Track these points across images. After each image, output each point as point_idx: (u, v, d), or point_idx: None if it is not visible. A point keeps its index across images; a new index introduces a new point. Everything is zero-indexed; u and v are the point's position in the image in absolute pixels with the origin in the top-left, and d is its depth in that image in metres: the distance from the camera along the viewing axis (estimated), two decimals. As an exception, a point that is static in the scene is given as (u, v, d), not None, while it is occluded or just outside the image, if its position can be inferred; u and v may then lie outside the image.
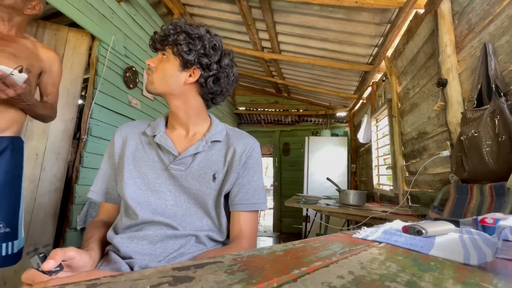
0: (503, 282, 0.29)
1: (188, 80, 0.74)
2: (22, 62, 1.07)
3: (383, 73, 2.83)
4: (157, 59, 0.75)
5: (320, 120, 5.26)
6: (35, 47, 1.17)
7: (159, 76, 0.73)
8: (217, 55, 0.75)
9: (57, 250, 0.50)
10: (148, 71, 0.75)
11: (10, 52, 1.06)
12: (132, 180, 0.72)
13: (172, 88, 0.74)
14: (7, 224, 1.05)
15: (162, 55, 0.75)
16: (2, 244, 1.03)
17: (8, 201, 1.08)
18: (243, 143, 0.78)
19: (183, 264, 0.28)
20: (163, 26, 0.75)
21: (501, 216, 0.55)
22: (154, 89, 0.74)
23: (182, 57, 0.72)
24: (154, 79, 0.74)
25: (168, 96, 0.75)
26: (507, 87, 1.12)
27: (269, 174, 7.81)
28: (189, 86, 0.75)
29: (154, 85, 0.74)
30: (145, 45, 2.61)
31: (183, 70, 0.73)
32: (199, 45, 0.72)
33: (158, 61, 0.74)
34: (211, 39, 0.75)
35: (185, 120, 0.78)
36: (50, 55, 1.21)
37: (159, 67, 0.74)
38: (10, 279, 1.56)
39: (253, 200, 0.75)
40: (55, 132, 1.84)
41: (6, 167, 1.08)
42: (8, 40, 1.08)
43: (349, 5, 2.07)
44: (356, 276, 0.27)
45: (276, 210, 5.39)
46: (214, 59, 0.75)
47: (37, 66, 1.16)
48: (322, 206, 1.98)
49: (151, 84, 0.74)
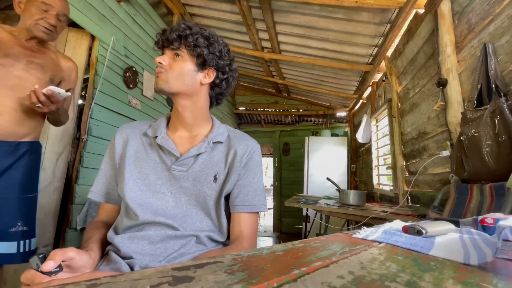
0: (503, 282, 0.29)
1: (204, 81, 0.76)
2: (48, 73, 1.17)
3: (383, 73, 2.83)
4: (168, 58, 0.73)
5: (320, 120, 5.27)
6: (57, 57, 1.26)
7: (175, 75, 0.72)
8: (229, 58, 0.80)
9: (57, 251, 0.50)
10: (160, 69, 0.73)
11: (38, 64, 1.14)
12: (133, 181, 0.72)
13: (188, 87, 0.74)
14: (24, 223, 1.12)
15: (174, 54, 0.73)
16: (20, 241, 1.09)
17: (25, 201, 1.14)
18: (244, 144, 0.79)
19: (183, 264, 0.28)
20: (175, 26, 0.74)
21: (501, 216, 0.55)
22: (169, 88, 0.72)
23: (202, 58, 0.73)
24: (170, 78, 0.72)
25: (180, 95, 0.75)
26: (507, 87, 1.12)
27: (269, 174, 7.81)
28: (203, 87, 0.77)
29: (169, 84, 0.72)
30: (145, 45, 2.61)
31: (199, 71, 0.75)
32: (217, 48, 0.75)
33: (171, 60, 0.73)
34: (224, 43, 0.79)
35: (190, 120, 0.78)
36: (70, 65, 1.30)
37: (175, 66, 0.73)
38: (10, 279, 1.55)
39: (253, 202, 0.76)
40: (55, 132, 1.84)
41: (24, 169, 1.15)
42: (36, 51, 1.16)
43: (349, 5, 2.07)
44: (356, 276, 0.27)
45: (276, 210, 5.39)
46: (227, 62, 0.79)
47: (59, 76, 1.25)
48: (322, 206, 1.98)
49: (165, 83, 0.72)
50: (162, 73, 0.72)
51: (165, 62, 0.72)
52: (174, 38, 0.72)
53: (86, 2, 1.90)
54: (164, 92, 0.73)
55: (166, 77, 0.72)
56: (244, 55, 3.64)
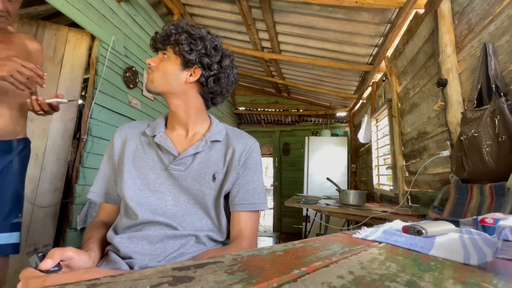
0: (503, 282, 0.29)
1: (189, 79, 0.75)
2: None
3: (383, 73, 2.83)
4: (157, 59, 0.75)
5: (320, 120, 5.26)
6: (23, 41, 1.16)
7: (160, 75, 0.74)
8: (218, 55, 0.77)
9: (55, 250, 0.50)
10: (149, 70, 0.75)
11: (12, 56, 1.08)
12: (132, 180, 0.72)
13: (173, 87, 0.74)
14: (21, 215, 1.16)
15: (163, 54, 0.75)
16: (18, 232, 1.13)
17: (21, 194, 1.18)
18: (243, 143, 0.79)
19: (183, 264, 0.28)
20: (165, 27, 0.75)
21: (501, 216, 0.55)
22: (155, 87, 0.74)
23: (183, 56, 0.72)
24: (155, 78, 0.74)
25: (168, 95, 0.76)
26: (507, 87, 1.12)
27: (269, 174, 7.81)
28: (190, 85, 0.76)
29: (154, 84, 0.74)
30: (145, 45, 2.61)
31: (184, 70, 0.74)
32: (201, 45, 0.73)
33: (159, 61, 0.75)
34: (212, 39, 0.76)
35: (185, 119, 0.78)
36: (36, 47, 1.21)
37: (160, 66, 0.74)
38: (10, 279, 1.55)
39: (253, 200, 0.75)
40: (55, 132, 1.84)
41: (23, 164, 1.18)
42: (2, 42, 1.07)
43: (349, 5, 2.07)
44: (356, 276, 0.27)
45: (276, 210, 5.39)
46: (215, 59, 0.76)
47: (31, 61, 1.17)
48: (322, 206, 1.98)
49: (151, 83, 0.74)
50: (149, 74, 0.75)
51: (154, 63, 0.75)
52: (159, 39, 0.74)
53: (86, 2, 1.90)
54: (152, 92, 0.76)
55: (152, 77, 0.75)
56: (244, 55, 3.64)
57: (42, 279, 0.45)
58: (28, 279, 0.46)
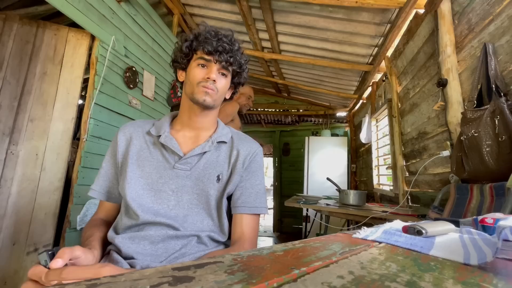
0: (503, 282, 0.29)
1: (228, 95, 0.85)
2: None
3: (383, 73, 2.83)
4: (223, 78, 0.77)
5: (320, 120, 5.26)
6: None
7: (221, 94, 0.78)
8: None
9: (65, 249, 0.50)
10: (212, 87, 0.74)
11: None
12: (135, 179, 0.72)
13: (221, 101, 0.81)
14: None
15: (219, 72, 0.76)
16: None
17: None
18: (247, 146, 0.81)
19: (183, 264, 0.28)
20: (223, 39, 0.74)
21: (501, 216, 0.55)
22: (213, 105, 0.77)
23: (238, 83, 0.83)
24: (217, 98, 0.76)
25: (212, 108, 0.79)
26: (507, 87, 1.12)
27: (269, 174, 7.80)
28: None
29: (215, 102, 0.76)
30: (145, 45, 2.61)
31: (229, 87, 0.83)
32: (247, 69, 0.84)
33: (223, 79, 0.78)
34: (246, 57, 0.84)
35: (203, 124, 0.80)
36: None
37: (221, 87, 0.77)
38: (10, 279, 1.56)
39: (255, 204, 0.76)
40: (55, 132, 1.84)
41: None
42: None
43: (349, 5, 2.07)
44: (356, 276, 0.27)
45: (276, 210, 5.39)
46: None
47: None
48: (322, 206, 1.98)
49: (213, 102, 0.75)
50: (213, 92, 0.74)
51: (220, 83, 0.76)
52: (229, 60, 0.75)
53: (86, 2, 1.90)
54: (203, 104, 0.74)
55: (215, 96, 0.76)
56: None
57: (59, 270, 0.45)
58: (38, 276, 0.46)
